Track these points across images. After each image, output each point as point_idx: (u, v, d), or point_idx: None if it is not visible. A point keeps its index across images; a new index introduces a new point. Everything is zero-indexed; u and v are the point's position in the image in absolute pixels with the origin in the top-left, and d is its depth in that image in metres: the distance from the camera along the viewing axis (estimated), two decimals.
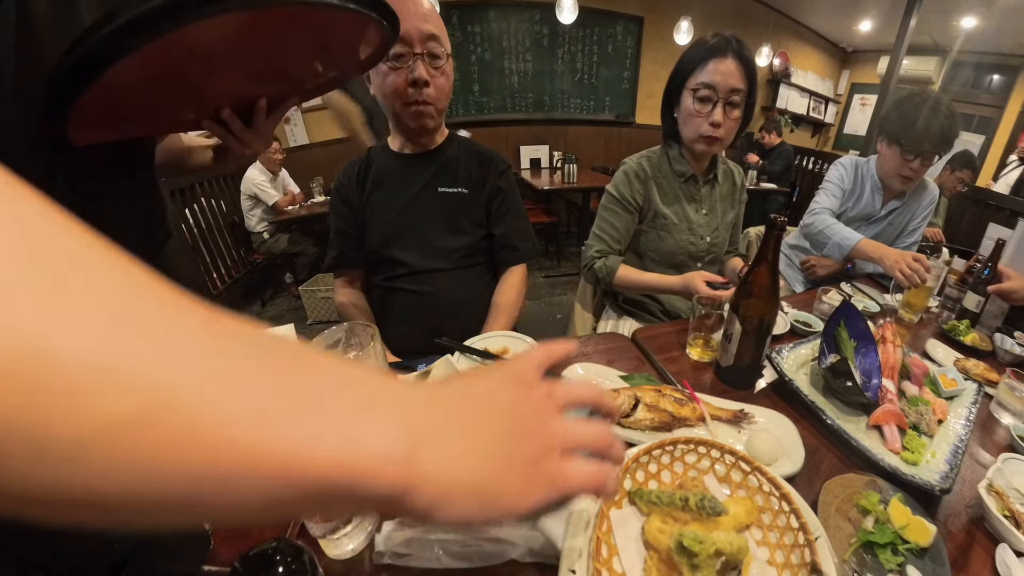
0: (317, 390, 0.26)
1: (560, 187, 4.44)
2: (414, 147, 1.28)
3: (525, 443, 0.34)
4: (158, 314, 0.21)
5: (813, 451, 0.77)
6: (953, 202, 3.51)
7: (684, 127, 1.36)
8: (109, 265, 0.21)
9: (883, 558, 0.58)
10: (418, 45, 1.08)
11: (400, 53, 1.07)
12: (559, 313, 3.60)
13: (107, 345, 0.19)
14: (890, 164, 1.69)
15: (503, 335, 1.07)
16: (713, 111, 1.27)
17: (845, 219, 1.82)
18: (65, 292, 0.18)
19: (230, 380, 0.22)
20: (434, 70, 1.12)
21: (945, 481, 0.68)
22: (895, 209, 1.81)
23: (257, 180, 3.74)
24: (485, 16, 4.96)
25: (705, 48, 1.27)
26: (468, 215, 1.30)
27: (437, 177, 1.28)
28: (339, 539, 0.56)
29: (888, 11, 5.34)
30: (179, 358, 0.21)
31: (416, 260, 1.27)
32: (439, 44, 1.11)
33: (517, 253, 1.36)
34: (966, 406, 0.89)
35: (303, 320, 3.56)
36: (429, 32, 1.08)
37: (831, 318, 1.00)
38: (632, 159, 1.46)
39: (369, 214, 1.28)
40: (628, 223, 1.44)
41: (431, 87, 1.12)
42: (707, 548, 0.49)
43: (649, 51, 5.63)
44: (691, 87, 1.29)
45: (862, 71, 7.13)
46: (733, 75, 1.25)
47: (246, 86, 0.72)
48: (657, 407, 0.80)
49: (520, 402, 0.36)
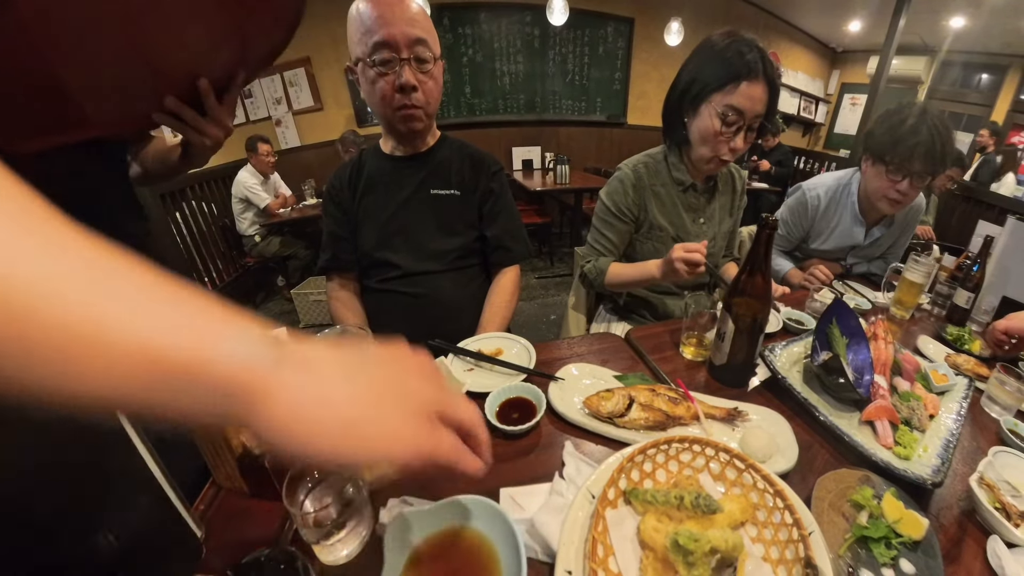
0: (192, 300, 0.29)
1: (552, 188, 4.44)
2: (405, 149, 1.28)
3: (404, 400, 0.35)
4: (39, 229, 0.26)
5: (807, 448, 0.78)
6: (943, 200, 3.55)
7: (700, 144, 1.28)
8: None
9: (877, 552, 0.59)
10: (405, 50, 1.07)
11: (387, 59, 1.07)
12: (553, 314, 3.61)
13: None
14: (875, 185, 1.52)
15: (497, 336, 1.07)
16: (736, 136, 1.21)
17: (824, 250, 1.73)
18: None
19: (98, 278, 0.26)
20: (422, 74, 1.11)
21: (937, 475, 0.69)
22: (879, 237, 1.68)
23: (248, 183, 3.72)
24: (476, 18, 4.96)
25: (737, 67, 1.15)
26: (461, 217, 1.30)
27: (429, 179, 1.28)
28: (333, 545, 0.56)
29: (877, 11, 5.40)
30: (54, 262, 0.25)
31: (409, 262, 1.27)
32: (427, 48, 1.10)
33: (510, 254, 1.35)
34: (957, 401, 0.90)
35: (296, 323, 3.54)
36: (416, 36, 1.07)
37: (823, 316, 1.00)
38: (628, 165, 1.40)
39: (361, 217, 1.28)
40: (623, 233, 1.41)
41: (419, 92, 1.12)
42: (702, 546, 0.49)
43: (640, 52, 5.66)
44: (717, 106, 1.19)
45: (852, 71, 7.20)
46: (761, 100, 1.19)
47: (166, 62, 0.68)
48: (651, 406, 0.80)
49: (409, 373, 0.38)
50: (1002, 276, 1.32)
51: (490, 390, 0.84)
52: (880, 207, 1.56)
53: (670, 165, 1.38)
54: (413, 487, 0.67)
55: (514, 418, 0.80)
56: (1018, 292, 1.30)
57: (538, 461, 0.74)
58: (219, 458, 0.66)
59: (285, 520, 0.62)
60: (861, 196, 1.63)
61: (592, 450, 0.77)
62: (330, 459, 0.32)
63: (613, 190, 1.39)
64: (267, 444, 0.32)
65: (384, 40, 1.05)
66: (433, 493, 0.64)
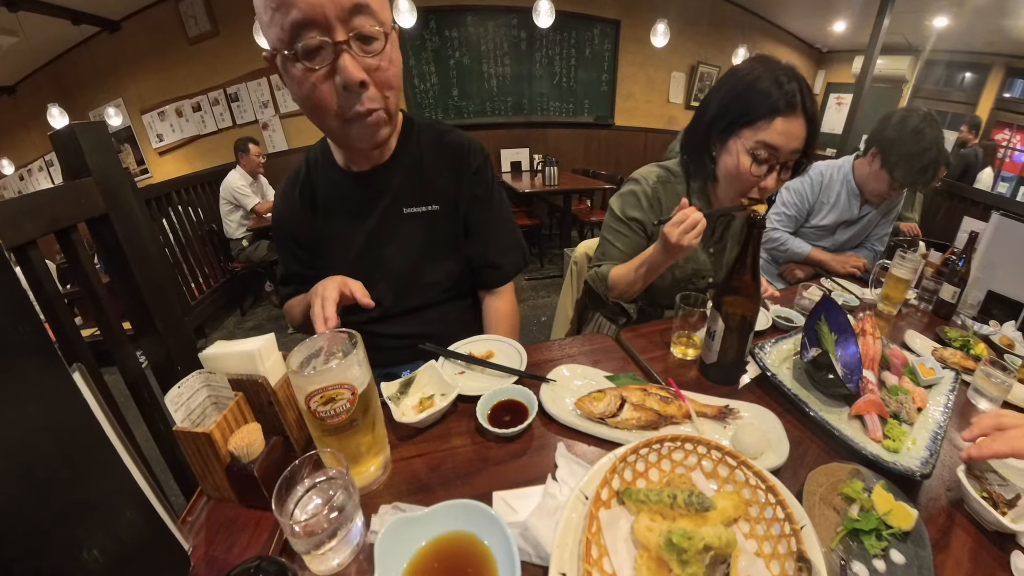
0: None
1: (541, 190, 4.45)
2: (363, 163, 1.01)
3: None
4: None
5: (797, 443, 0.78)
6: (928, 197, 3.59)
7: (729, 184, 1.17)
8: None
9: (868, 544, 0.60)
10: (339, 28, 0.73)
11: (313, 46, 0.73)
12: (543, 316, 3.61)
13: None
14: (873, 184, 1.76)
15: (487, 339, 1.06)
16: (768, 176, 1.08)
17: (821, 226, 1.92)
18: None
19: None
20: (370, 59, 0.77)
21: (925, 466, 0.70)
22: (868, 213, 1.89)
23: (237, 184, 3.70)
24: (463, 21, 4.96)
25: (773, 100, 1.03)
26: (446, 236, 1.08)
27: (401, 195, 1.03)
28: (324, 554, 0.55)
29: (861, 12, 5.47)
30: None
31: (389, 300, 1.06)
32: (371, 16, 0.75)
33: (500, 272, 1.14)
34: (944, 394, 0.91)
35: (284, 329, 3.50)
36: (352, 2, 0.73)
37: (812, 313, 1.01)
38: (647, 179, 1.28)
39: (327, 254, 1.06)
40: (635, 243, 1.28)
41: (370, 87, 0.79)
42: (696, 544, 0.49)
43: (626, 54, 5.69)
44: (749, 143, 1.07)
45: (837, 71, 7.29)
46: (798, 137, 1.06)
47: None
48: (643, 406, 0.80)
49: None
50: (987, 271, 1.35)
51: (481, 393, 0.83)
52: (869, 194, 1.82)
53: (691, 192, 1.27)
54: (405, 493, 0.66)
55: (506, 421, 0.79)
56: (1003, 286, 1.33)
57: (531, 463, 0.74)
58: (207, 468, 0.65)
59: (275, 530, 0.61)
60: (857, 178, 1.85)
61: (584, 451, 0.77)
62: None
63: (629, 203, 1.28)
64: None
65: (306, 17, 0.70)
66: (425, 499, 0.63)
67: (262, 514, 0.64)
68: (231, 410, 0.65)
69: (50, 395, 0.45)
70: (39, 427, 0.43)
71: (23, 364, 0.43)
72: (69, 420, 0.47)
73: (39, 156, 5.24)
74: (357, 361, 0.62)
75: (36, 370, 0.44)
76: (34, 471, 0.42)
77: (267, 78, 4.71)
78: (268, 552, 0.58)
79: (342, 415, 0.61)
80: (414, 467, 0.73)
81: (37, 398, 0.44)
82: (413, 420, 0.77)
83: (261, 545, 0.60)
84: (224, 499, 0.67)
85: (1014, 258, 1.31)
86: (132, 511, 0.51)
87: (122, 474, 0.51)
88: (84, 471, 0.47)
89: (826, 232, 1.94)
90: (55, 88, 4.68)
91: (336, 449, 0.61)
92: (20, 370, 0.42)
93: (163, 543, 0.55)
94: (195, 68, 4.68)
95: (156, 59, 4.64)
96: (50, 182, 5.26)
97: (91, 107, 4.77)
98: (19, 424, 0.41)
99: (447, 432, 0.80)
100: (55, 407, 0.46)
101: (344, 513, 0.56)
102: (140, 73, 4.70)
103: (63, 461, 0.45)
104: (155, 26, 4.50)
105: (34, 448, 0.42)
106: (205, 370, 0.67)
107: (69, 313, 0.93)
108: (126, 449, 0.52)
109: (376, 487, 0.69)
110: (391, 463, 0.73)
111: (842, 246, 1.96)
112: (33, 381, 0.44)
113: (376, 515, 0.62)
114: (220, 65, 4.67)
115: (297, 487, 0.58)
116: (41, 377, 0.45)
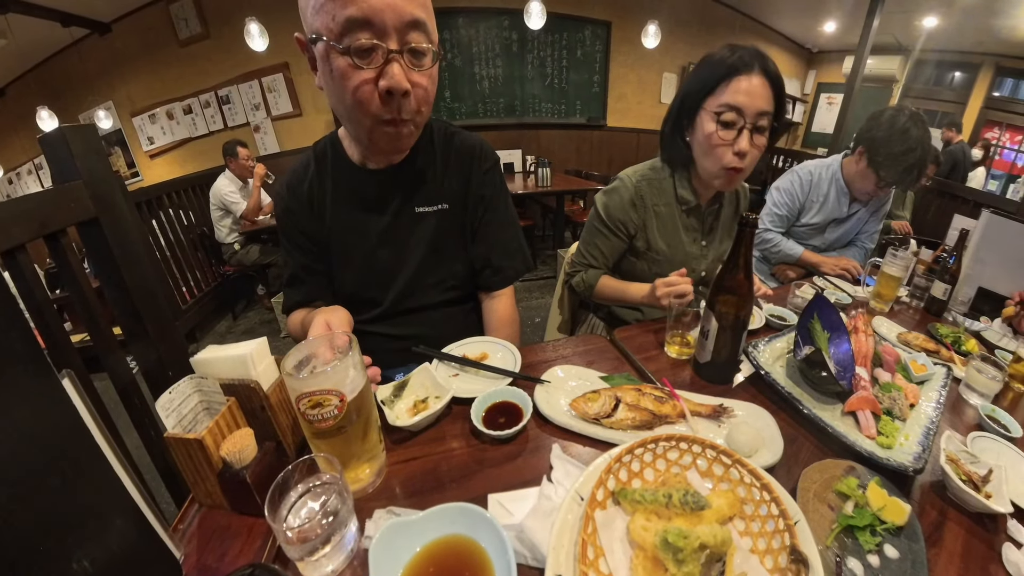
0: None
1: (534, 191, 4.45)
2: (380, 161, 1.01)
3: None
4: None
5: (791, 441, 0.78)
6: (919, 195, 3.62)
7: (704, 157, 1.17)
8: None
9: (862, 540, 0.60)
10: (394, 37, 0.75)
11: (366, 46, 0.74)
12: (537, 317, 3.61)
13: None
14: (861, 183, 1.78)
15: (482, 341, 1.06)
16: (739, 138, 1.09)
17: (811, 224, 1.94)
18: None
19: None
20: (418, 74, 0.80)
21: (918, 462, 0.70)
22: (858, 211, 1.91)
23: (226, 190, 3.65)
24: (454, 22, 4.96)
25: (727, 63, 1.08)
26: (454, 236, 1.09)
27: (413, 195, 1.04)
28: (318, 560, 0.55)
29: (851, 12, 5.52)
30: None
31: (394, 298, 1.08)
32: (425, 36, 0.78)
33: (500, 275, 1.13)
34: (936, 389, 0.92)
35: (276, 333, 3.49)
36: (412, 17, 0.74)
37: (805, 311, 1.01)
38: (630, 178, 1.30)
39: (338, 249, 1.06)
40: (615, 246, 1.34)
41: (411, 98, 0.81)
42: (691, 543, 0.49)
43: (618, 55, 5.71)
44: (712, 109, 1.10)
45: (828, 71, 7.35)
46: (761, 95, 1.07)
47: None
48: (638, 406, 0.80)
49: None
50: (978, 268, 1.36)
51: (476, 395, 0.83)
52: (857, 192, 1.84)
53: (676, 182, 1.29)
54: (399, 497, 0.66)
55: (501, 423, 0.79)
56: (993, 283, 1.34)
57: (526, 465, 0.73)
58: (199, 474, 0.64)
59: (268, 537, 0.61)
60: (845, 176, 1.86)
61: (580, 452, 0.77)
62: None
63: (612, 204, 1.30)
64: None
65: (364, 17, 0.71)
66: (420, 502, 0.63)
67: (255, 521, 0.64)
68: (223, 415, 0.64)
69: (39, 402, 0.45)
70: (28, 434, 0.42)
71: (11, 370, 0.42)
72: (58, 427, 0.46)
73: (28, 159, 5.18)
74: (352, 364, 0.62)
75: (25, 376, 0.43)
76: (23, 479, 0.41)
77: (258, 80, 4.68)
78: (261, 559, 0.58)
79: (329, 420, 0.61)
80: (408, 470, 0.73)
81: (26, 405, 0.43)
82: (407, 423, 0.77)
83: (254, 552, 0.59)
84: (216, 506, 0.67)
85: (1004, 255, 1.32)
86: (122, 519, 0.50)
87: (112, 482, 0.50)
88: (73, 479, 0.46)
89: (816, 230, 1.95)
90: (44, 91, 4.63)
91: (328, 452, 0.60)
92: (8, 377, 0.42)
93: (154, 552, 0.54)
94: (186, 70, 4.64)
95: (146, 61, 4.60)
96: (39, 186, 5.21)
97: (81, 110, 4.72)
98: (7, 432, 0.40)
99: (442, 435, 0.80)
100: (44, 414, 0.45)
101: (338, 518, 0.55)
102: (130, 75, 4.66)
103: (52, 469, 0.44)
104: (145, 28, 4.47)
105: (23, 456, 0.42)
106: (196, 375, 0.67)
107: (58, 318, 0.92)
108: (116, 456, 0.51)
109: (370, 491, 0.69)
110: (386, 467, 0.73)
111: (832, 244, 1.98)
112: (22, 388, 0.43)
113: (370, 520, 0.62)
114: (211, 67, 4.64)
115: (290, 493, 0.58)
116: (30, 383, 0.44)
